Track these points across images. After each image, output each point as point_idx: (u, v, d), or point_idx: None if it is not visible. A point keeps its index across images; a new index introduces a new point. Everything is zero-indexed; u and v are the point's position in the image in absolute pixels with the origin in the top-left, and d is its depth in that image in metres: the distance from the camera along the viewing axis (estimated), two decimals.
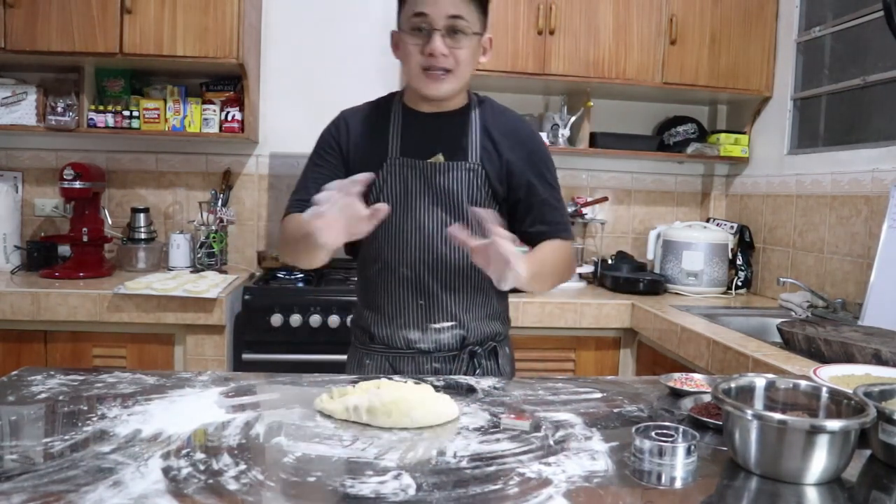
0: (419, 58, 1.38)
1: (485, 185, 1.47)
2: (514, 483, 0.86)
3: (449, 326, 1.49)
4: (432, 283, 1.47)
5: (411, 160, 1.46)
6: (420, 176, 1.46)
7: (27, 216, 2.92)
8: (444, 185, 1.45)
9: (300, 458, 0.93)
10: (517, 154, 1.49)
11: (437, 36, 1.35)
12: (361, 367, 1.54)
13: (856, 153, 2.41)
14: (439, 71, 1.38)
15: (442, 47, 1.36)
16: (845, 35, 2.58)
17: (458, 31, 1.37)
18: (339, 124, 1.53)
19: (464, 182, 1.45)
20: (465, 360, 1.50)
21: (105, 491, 0.80)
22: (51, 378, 1.23)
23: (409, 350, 1.50)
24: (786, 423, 0.89)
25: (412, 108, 1.50)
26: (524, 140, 1.51)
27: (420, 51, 1.37)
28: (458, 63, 1.39)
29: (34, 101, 2.68)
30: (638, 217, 3.28)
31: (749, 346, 1.85)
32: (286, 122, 3.03)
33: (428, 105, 1.48)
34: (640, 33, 2.79)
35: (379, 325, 1.51)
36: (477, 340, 1.51)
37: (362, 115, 1.54)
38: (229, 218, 2.88)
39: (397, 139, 1.48)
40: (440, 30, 1.35)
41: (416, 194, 1.46)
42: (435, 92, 1.41)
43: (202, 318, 2.35)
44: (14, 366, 1.38)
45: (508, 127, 1.51)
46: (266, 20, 3.00)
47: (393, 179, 1.46)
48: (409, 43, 1.38)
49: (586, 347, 2.58)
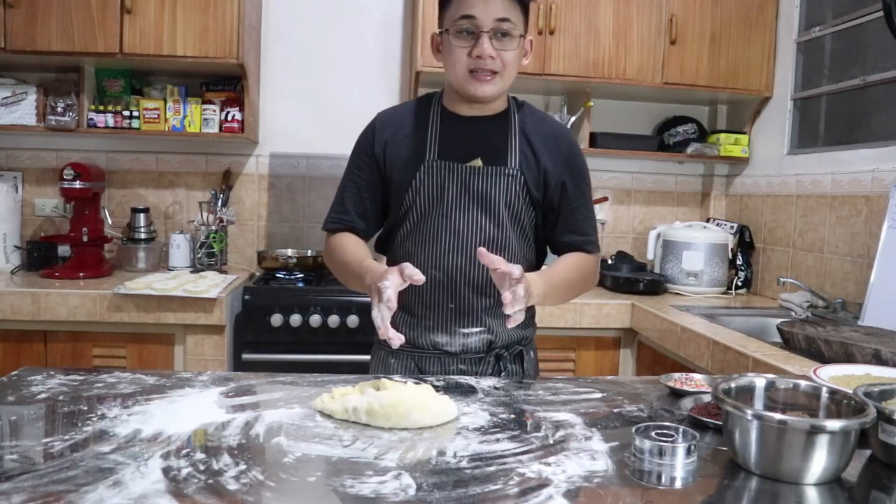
0: (466, 60, 1.38)
1: (523, 190, 1.46)
2: (514, 483, 0.86)
3: (478, 332, 1.48)
4: (464, 287, 1.46)
5: (449, 163, 1.45)
6: (457, 179, 1.45)
7: (27, 216, 2.92)
8: (481, 190, 1.44)
9: (300, 458, 0.93)
10: (555, 161, 1.48)
11: (485, 38, 1.36)
12: (387, 366, 1.53)
13: (856, 153, 2.41)
14: (486, 73, 1.38)
15: (490, 49, 1.36)
16: (845, 35, 2.57)
17: (505, 34, 1.37)
18: (372, 128, 1.53)
19: (502, 187, 1.45)
20: (491, 363, 1.49)
21: (105, 491, 0.80)
22: (51, 378, 1.23)
23: (436, 351, 1.49)
24: (786, 423, 0.89)
25: (451, 111, 1.49)
26: (563, 148, 1.51)
27: (468, 53, 1.37)
28: (505, 65, 1.39)
29: (34, 101, 2.68)
30: (638, 217, 3.28)
31: (749, 346, 1.85)
32: (286, 122, 3.03)
33: (468, 108, 1.48)
34: (640, 33, 2.79)
35: (407, 325, 1.50)
36: (504, 344, 1.50)
37: (399, 116, 1.53)
38: (229, 218, 2.88)
39: (435, 141, 1.47)
40: (488, 32, 1.36)
41: (453, 197, 1.45)
42: (482, 93, 1.40)
43: (202, 318, 2.35)
44: (14, 366, 1.38)
45: (548, 133, 1.51)
46: (266, 20, 3.00)
47: (430, 182, 1.45)
48: (456, 45, 1.38)
49: (586, 347, 2.58)
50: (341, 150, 2.97)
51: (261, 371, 1.54)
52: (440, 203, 1.45)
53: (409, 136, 1.48)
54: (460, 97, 1.46)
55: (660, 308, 2.43)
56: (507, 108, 1.51)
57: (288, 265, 2.76)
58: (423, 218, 1.46)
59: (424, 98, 1.55)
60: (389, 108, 1.58)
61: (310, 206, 3.05)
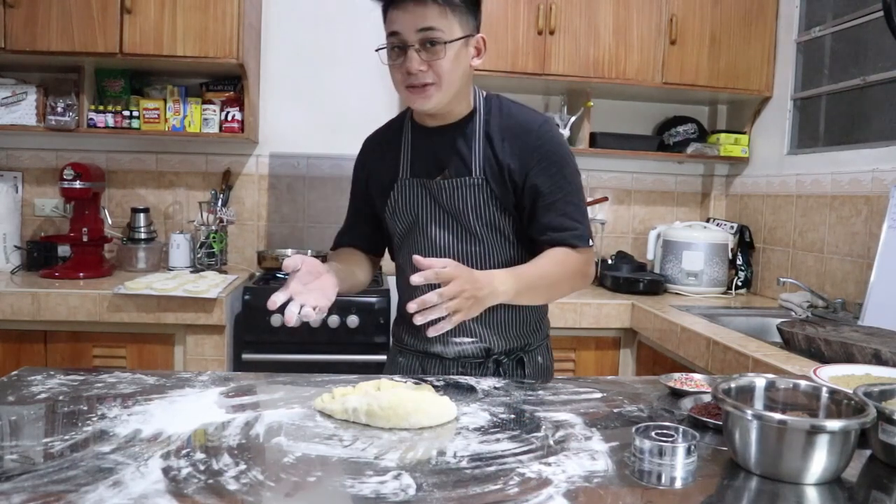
0: (401, 76, 1.35)
1: (491, 198, 1.41)
2: (514, 483, 0.86)
3: (470, 342, 1.49)
4: None
5: (419, 180, 1.46)
6: (428, 195, 1.45)
7: (27, 216, 2.92)
8: (450, 204, 1.43)
9: (300, 458, 0.93)
10: (520, 158, 1.39)
11: (411, 52, 1.30)
12: (396, 364, 1.59)
13: (856, 153, 2.41)
14: (420, 88, 1.33)
15: (417, 63, 1.30)
16: (845, 35, 2.57)
17: (433, 43, 1.30)
18: (360, 156, 1.59)
19: (468, 199, 1.41)
20: (491, 368, 1.50)
21: (105, 491, 0.79)
22: (51, 378, 1.23)
23: (435, 356, 1.52)
24: (786, 423, 0.89)
25: (420, 125, 1.49)
26: (531, 141, 1.39)
27: (399, 69, 1.34)
28: (440, 74, 1.32)
29: (34, 101, 2.68)
30: (638, 217, 3.28)
31: (749, 346, 1.85)
32: (286, 122, 3.03)
33: (431, 119, 1.45)
34: (640, 33, 2.79)
35: (407, 332, 1.56)
36: (502, 351, 1.50)
37: (379, 137, 1.56)
38: (229, 218, 2.88)
39: (407, 159, 1.48)
40: (413, 45, 1.30)
41: (427, 214, 1.46)
42: (423, 107, 1.36)
43: (202, 318, 2.35)
44: (14, 366, 1.38)
45: (513, 128, 1.41)
46: (266, 20, 3.00)
47: (404, 200, 1.47)
48: (390, 63, 1.36)
49: (586, 347, 2.58)
50: (341, 150, 3.03)
51: (261, 371, 1.54)
52: (416, 220, 1.47)
53: (387, 157, 1.51)
54: None
55: (660, 308, 2.43)
56: (473, 111, 1.44)
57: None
58: (405, 235, 1.50)
59: (399, 116, 1.56)
60: (375, 130, 1.60)
61: (310, 206, 3.04)
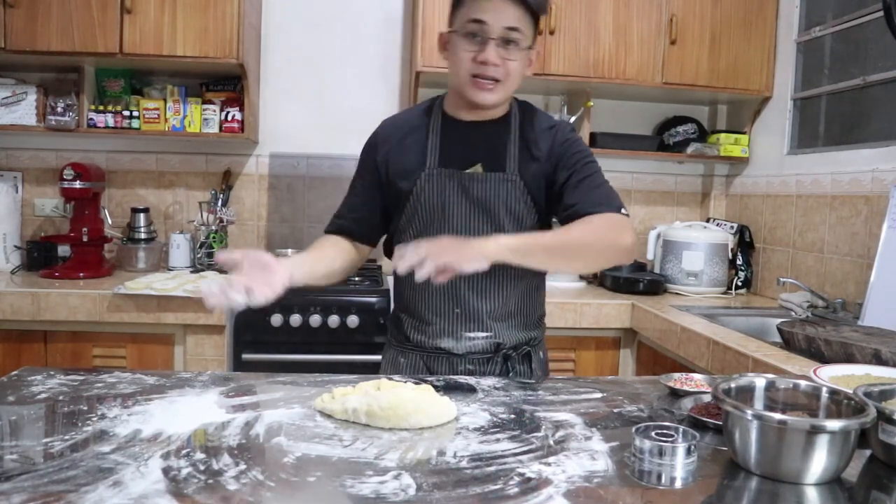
0: (470, 64, 1.37)
1: (523, 195, 1.46)
2: (514, 483, 0.86)
3: (483, 336, 1.49)
4: (467, 292, 1.47)
5: (449, 170, 1.45)
6: (458, 187, 1.45)
7: (27, 216, 2.92)
8: (482, 196, 1.45)
9: (300, 458, 0.93)
10: (547, 153, 1.45)
11: (491, 45, 1.35)
12: (396, 365, 1.55)
13: (856, 153, 2.41)
14: (489, 80, 1.37)
15: (495, 57, 1.35)
16: (845, 35, 2.57)
17: (512, 43, 1.36)
18: (375, 138, 1.54)
19: (501, 193, 1.45)
20: (499, 363, 1.50)
21: (105, 491, 0.80)
22: (51, 378, 1.24)
23: (443, 352, 1.51)
24: (786, 423, 0.89)
25: (452, 117, 1.49)
26: (558, 137, 1.46)
27: (472, 58, 1.36)
28: (509, 74, 1.38)
29: (34, 101, 2.68)
30: (638, 217, 3.28)
31: (749, 346, 1.85)
32: (286, 122, 3.03)
33: (468, 113, 1.47)
34: (640, 33, 2.79)
35: (414, 329, 1.52)
36: (511, 346, 1.51)
37: (401, 123, 1.53)
38: (229, 218, 2.88)
39: (436, 148, 1.47)
40: (495, 39, 1.35)
41: (454, 205, 1.45)
42: (482, 100, 1.40)
43: (202, 318, 2.35)
44: (14, 366, 1.38)
45: (543, 132, 1.48)
46: (266, 20, 3.00)
47: (431, 190, 1.46)
48: (462, 48, 1.37)
49: (586, 347, 2.58)
50: (341, 150, 3.03)
51: (261, 371, 1.54)
52: (442, 211, 1.46)
53: (411, 144, 1.48)
54: (461, 101, 1.46)
55: (660, 308, 2.43)
56: (509, 112, 1.50)
57: None
58: (426, 226, 1.47)
59: (426, 104, 1.55)
60: (393, 115, 1.58)
61: (310, 206, 3.05)
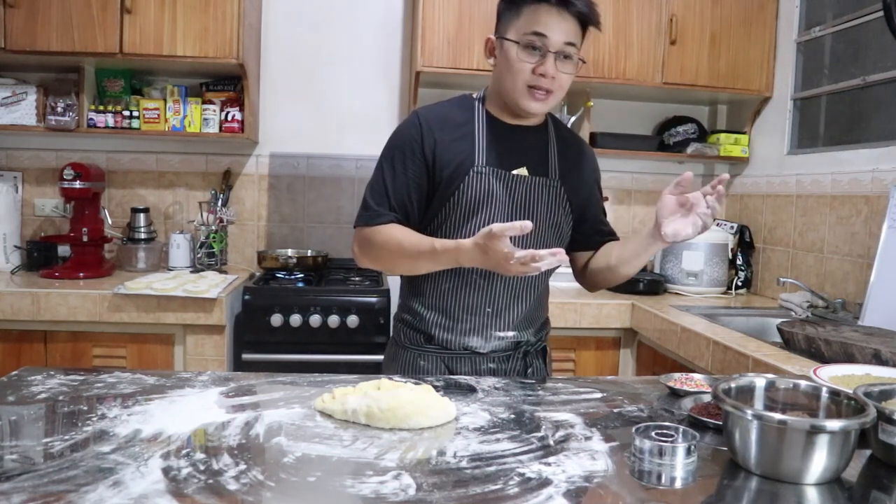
0: (528, 76, 1.40)
1: (563, 201, 1.53)
2: (514, 483, 0.86)
3: (512, 336, 1.52)
4: (503, 291, 1.49)
5: (496, 170, 1.47)
6: (503, 187, 1.47)
7: (27, 216, 2.92)
8: (525, 198, 1.49)
9: (300, 458, 0.93)
10: (587, 172, 1.60)
11: (550, 58, 1.39)
12: (416, 367, 1.52)
13: (856, 153, 2.41)
14: (543, 91, 1.41)
15: (553, 70, 1.40)
16: (845, 35, 2.57)
17: (568, 57, 1.41)
18: (420, 127, 1.47)
19: (544, 197, 1.50)
20: (520, 360, 1.54)
21: (105, 491, 0.80)
22: (51, 378, 1.23)
23: (466, 351, 1.51)
24: (786, 423, 0.89)
25: (496, 118, 1.51)
26: (586, 156, 1.62)
27: (531, 69, 1.40)
28: (562, 86, 1.44)
29: (34, 101, 2.68)
30: (638, 217, 3.28)
31: (749, 346, 1.85)
32: (286, 122, 3.03)
33: (511, 117, 1.51)
34: (640, 33, 2.79)
35: (441, 328, 1.51)
36: (529, 342, 1.56)
37: (444, 116, 1.50)
38: (229, 218, 2.88)
39: (482, 147, 1.48)
40: (555, 53, 1.39)
41: (496, 204, 1.46)
42: (534, 110, 1.45)
43: (202, 318, 2.35)
44: (14, 366, 1.38)
45: (577, 145, 1.62)
46: (266, 20, 3.00)
47: (477, 186, 1.45)
48: (520, 58, 1.40)
49: (586, 347, 2.58)
50: (341, 150, 3.03)
51: (261, 371, 1.54)
52: (484, 208, 1.46)
53: (458, 139, 1.47)
54: (506, 106, 1.48)
55: (660, 308, 2.43)
56: (546, 120, 1.57)
57: (288, 265, 2.76)
58: (465, 221, 1.46)
59: (464, 100, 1.54)
60: (430, 105, 1.53)
61: (310, 206, 3.04)
